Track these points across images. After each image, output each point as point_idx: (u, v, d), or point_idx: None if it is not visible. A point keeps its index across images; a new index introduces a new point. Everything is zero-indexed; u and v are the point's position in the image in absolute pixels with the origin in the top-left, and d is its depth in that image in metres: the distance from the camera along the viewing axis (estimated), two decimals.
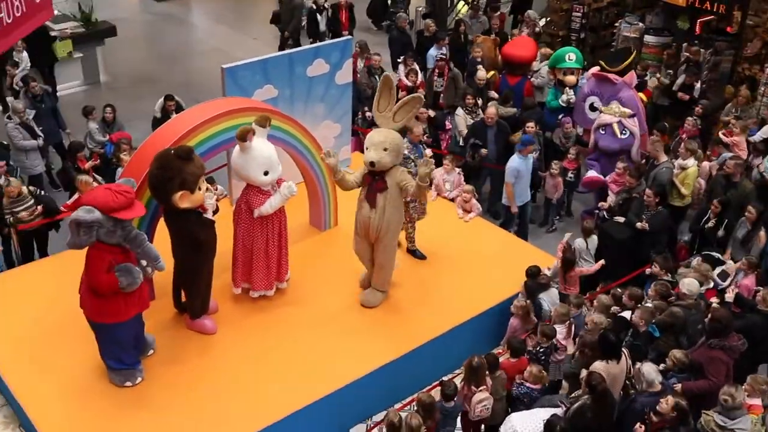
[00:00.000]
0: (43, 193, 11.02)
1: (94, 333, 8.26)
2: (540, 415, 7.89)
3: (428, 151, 10.00)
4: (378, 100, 9.07)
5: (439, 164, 12.40)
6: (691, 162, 11.65)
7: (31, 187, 10.73)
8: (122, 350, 8.29)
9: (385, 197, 9.06)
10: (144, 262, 8.01)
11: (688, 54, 14.60)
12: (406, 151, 9.69)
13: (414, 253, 10.56)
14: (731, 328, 8.24)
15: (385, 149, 8.85)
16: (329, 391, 8.57)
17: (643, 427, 7.50)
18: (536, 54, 14.80)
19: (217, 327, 9.21)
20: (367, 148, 8.89)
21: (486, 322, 9.93)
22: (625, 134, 12.15)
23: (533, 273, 9.75)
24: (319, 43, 12.50)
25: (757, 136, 12.42)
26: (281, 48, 17.65)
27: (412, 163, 9.88)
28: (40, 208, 10.68)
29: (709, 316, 8.41)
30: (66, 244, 7.65)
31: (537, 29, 16.69)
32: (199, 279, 8.84)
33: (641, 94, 13.58)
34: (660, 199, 10.86)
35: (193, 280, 8.86)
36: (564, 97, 13.44)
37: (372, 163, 8.86)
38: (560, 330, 9.01)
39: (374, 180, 9.04)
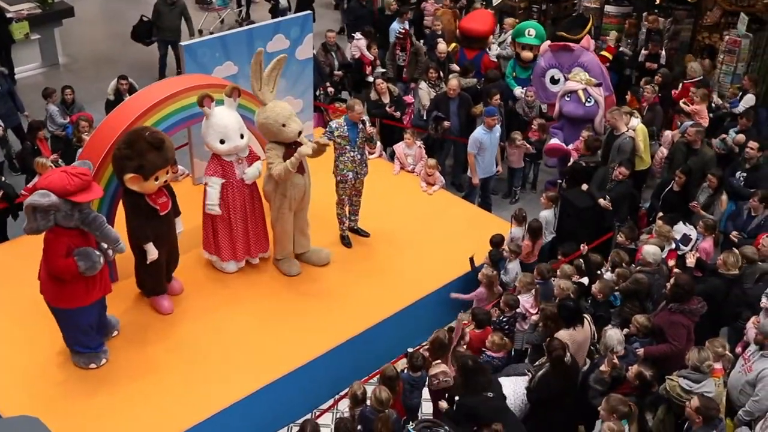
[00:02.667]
0: (2, 179, 10.73)
1: (56, 319, 8.21)
2: (505, 383, 7.97)
3: (370, 128, 9.96)
4: (252, 80, 9.09)
5: (400, 138, 12.42)
6: (635, 122, 11.74)
7: None
8: (84, 335, 8.25)
9: (305, 159, 9.34)
10: (104, 245, 7.95)
11: (647, 23, 14.67)
12: (340, 131, 9.79)
13: (343, 238, 10.60)
14: (693, 293, 8.34)
15: (296, 115, 9.23)
16: (295, 367, 8.60)
17: (615, 358, 7.71)
18: (493, 28, 14.78)
19: (173, 308, 9.22)
20: (284, 125, 8.97)
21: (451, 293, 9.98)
22: (590, 102, 12.14)
23: (497, 242, 9.80)
24: (279, 19, 12.38)
25: (740, 107, 12.55)
26: (162, 64, 16.34)
27: (350, 144, 9.88)
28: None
29: (672, 281, 8.50)
30: (23, 230, 7.56)
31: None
32: (147, 262, 8.82)
33: (605, 52, 13.76)
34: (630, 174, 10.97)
35: (142, 262, 8.86)
36: (517, 91, 13.49)
37: (300, 132, 9.10)
38: (527, 299, 9.06)
39: (295, 148, 9.15)
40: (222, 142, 8.95)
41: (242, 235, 9.54)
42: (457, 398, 7.57)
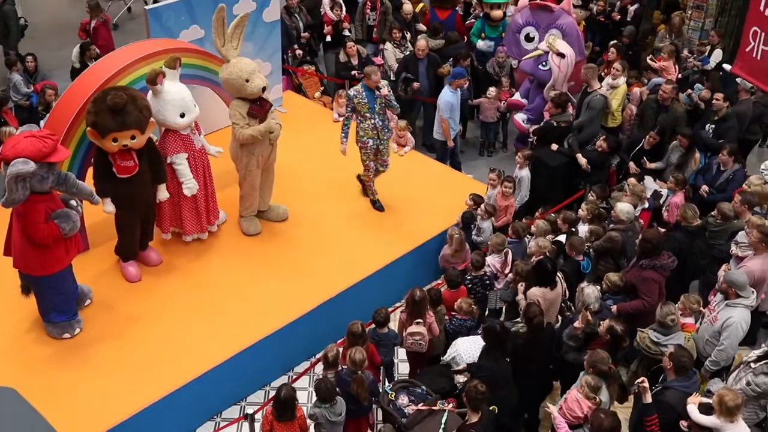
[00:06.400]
0: None
1: (36, 288, 8.17)
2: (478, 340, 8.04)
3: (384, 90, 9.88)
4: (215, 36, 9.02)
5: None
6: (621, 81, 11.77)
7: None
8: (65, 300, 8.24)
9: (271, 112, 9.34)
10: (74, 202, 7.97)
11: None
12: (358, 98, 9.78)
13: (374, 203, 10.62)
14: (662, 248, 8.43)
15: (260, 71, 9.19)
16: (271, 331, 8.60)
17: (589, 314, 7.79)
18: None
19: (140, 276, 9.16)
20: (247, 80, 8.94)
21: (426, 254, 10.01)
22: (544, 67, 12.05)
23: (477, 201, 9.88)
24: None
25: (711, 63, 12.63)
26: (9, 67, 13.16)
27: (370, 111, 9.87)
28: None
29: (640, 237, 8.58)
30: (2, 204, 7.49)
31: None
32: (119, 224, 8.83)
33: None
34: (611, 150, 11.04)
35: (116, 224, 8.87)
36: (481, 43, 13.48)
37: (264, 88, 9.06)
38: (497, 259, 9.10)
39: (260, 105, 9.15)
40: (182, 116, 8.83)
41: (204, 205, 9.45)
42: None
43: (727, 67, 12.24)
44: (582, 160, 10.80)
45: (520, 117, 12.34)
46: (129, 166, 8.44)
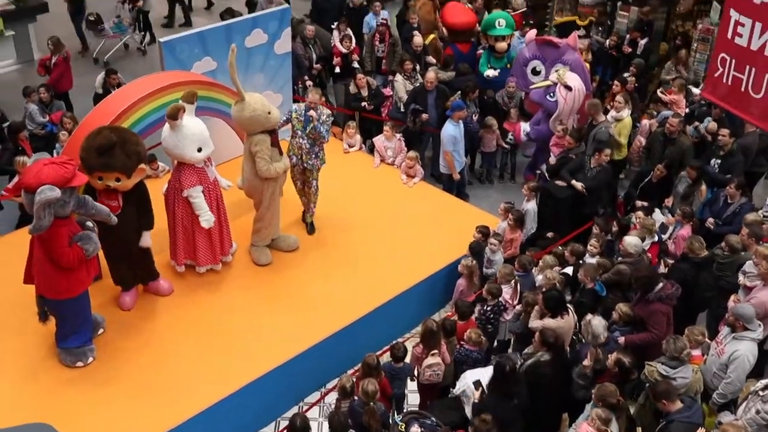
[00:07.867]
0: None
1: (57, 313, 8.24)
2: (485, 373, 8.07)
3: (312, 112, 9.86)
4: (233, 76, 9.09)
5: (379, 132, 12.48)
6: (625, 113, 11.89)
7: None
8: (84, 321, 8.35)
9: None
10: (89, 223, 8.07)
11: (640, 14, 14.80)
12: (297, 113, 9.89)
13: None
14: (657, 276, 8.54)
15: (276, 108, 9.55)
16: (282, 361, 8.64)
17: (597, 353, 7.83)
18: (476, 18, 14.84)
19: (131, 305, 9.20)
20: (269, 113, 9.20)
21: (435, 285, 10.09)
22: (552, 98, 12.17)
23: (484, 233, 9.93)
24: (257, 13, 12.34)
25: None
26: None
27: (301, 129, 9.93)
28: None
29: (633, 279, 8.68)
30: (30, 231, 7.61)
31: None
32: (104, 254, 8.85)
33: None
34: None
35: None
36: (489, 72, 13.72)
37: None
38: (506, 290, 9.15)
39: (275, 134, 9.40)
40: (199, 150, 8.88)
41: (218, 236, 9.51)
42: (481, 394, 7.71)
43: (696, 91, 12.39)
44: (578, 185, 10.91)
45: (523, 128, 12.55)
46: (111, 206, 8.47)
